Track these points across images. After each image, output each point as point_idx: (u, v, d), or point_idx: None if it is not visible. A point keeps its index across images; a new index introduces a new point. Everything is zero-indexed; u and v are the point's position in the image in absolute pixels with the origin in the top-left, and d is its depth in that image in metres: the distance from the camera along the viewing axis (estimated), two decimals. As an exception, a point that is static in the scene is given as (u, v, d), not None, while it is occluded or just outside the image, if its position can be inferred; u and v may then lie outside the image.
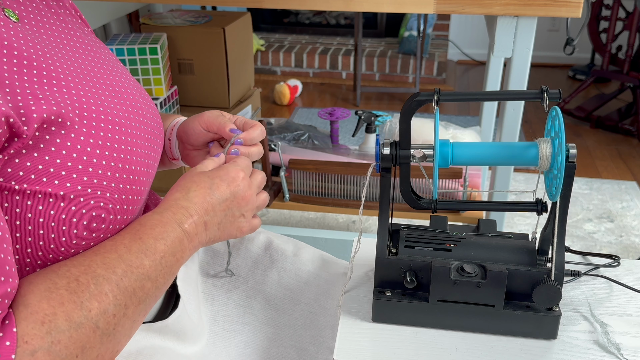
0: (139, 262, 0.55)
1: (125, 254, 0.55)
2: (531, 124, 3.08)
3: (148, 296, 0.56)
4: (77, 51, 0.65)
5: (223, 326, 0.80)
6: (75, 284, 0.50)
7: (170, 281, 0.60)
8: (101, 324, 0.50)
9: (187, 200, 0.62)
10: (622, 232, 2.13)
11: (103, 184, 0.56)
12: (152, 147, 0.66)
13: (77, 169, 0.54)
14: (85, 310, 0.49)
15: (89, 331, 0.49)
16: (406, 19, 3.69)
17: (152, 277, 0.56)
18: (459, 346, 0.66)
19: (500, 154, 0.67)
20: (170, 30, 1.69)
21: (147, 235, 0.57)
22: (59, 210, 0.52)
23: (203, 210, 0.63)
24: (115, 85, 0.65)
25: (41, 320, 0.47)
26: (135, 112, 0.65)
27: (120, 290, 0.53)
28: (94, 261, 0.53)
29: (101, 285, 0.51)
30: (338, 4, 1.22)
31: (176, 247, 0.59)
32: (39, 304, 0.48)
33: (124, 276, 0.53)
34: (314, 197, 1.55)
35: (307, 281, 0.84)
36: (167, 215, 0.60)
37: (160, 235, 0.58)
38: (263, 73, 3.81)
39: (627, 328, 0.69)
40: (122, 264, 0.54)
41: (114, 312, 0.52)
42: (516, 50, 1.18)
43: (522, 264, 0.68)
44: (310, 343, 0.78)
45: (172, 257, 0.59)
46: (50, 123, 0.53)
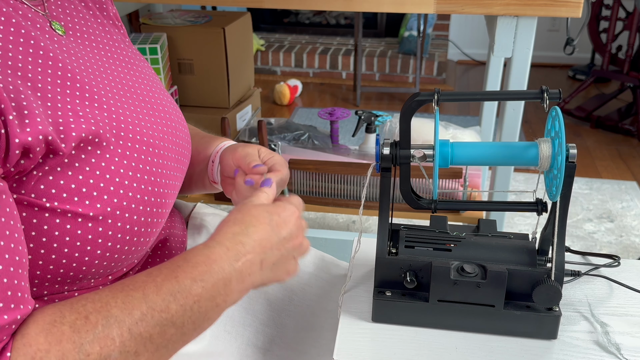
0: (164, 306, 0.50)
1: (151, 295, 0.50)
2: (531, 124, 3.08)
3: (170, 342, 0.52)
4: (120, 65, 0.65)
5: (224, 327, 0.80)
6: (83, 321, 0.48)
7: (206, 326, 0.55)
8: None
9: (245, 235, 0.57)
10: (622, 232, 2.13)
11: (132, 206, 0.56)
12: (180, 158, 0.67)
13: (109, 190, 0.54)
14: (83, 354, 0.46)
15: None
16: (406, 19, 3.69)
17: (178, 324, 0.51)
18: (459, 346, 0.66)
19: (500, 154, 0.67)
20: (170, 30, 1.69)
21: (185, 275, 0.52)
22: (86, 230, 0.52)
23: (261, 248, 0.58)
24: (154, 101, 0.66)
25: (32, 355, 0.45)
26: (168, 128, 0.65)
27: (132, 335, 0.49)
28: (115, 298, 0.50)
29: (110, 328, 0.48)
30: (338, 4, 1.22)
31: (218, 290, 0.54)
32: (36, 337, 0.46)
33: (140, 320, 0.49)
34: (314, 197, 1.55)
35: (308, 283, 0.84)
36: (219, 252, 0.55)
37: (200, 277, 0.53)
38: (263, 73, 3.81)
39: (627, 328, 0.69)
40: (143, 305, 0.50)
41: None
42: (516, 50, 1.17)
43: (522, 264, 0.68)
44: (311, 345, 0.78)
45: (210, 301, 0.53)
46: (88, 142, 0.53)
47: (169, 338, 0.51)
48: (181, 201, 0.92)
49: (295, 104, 3.38)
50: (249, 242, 0.57)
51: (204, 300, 0.53)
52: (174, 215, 0.80)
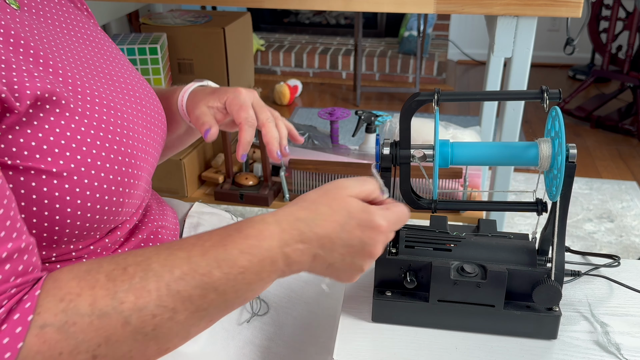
0: (206, 270, 0.50)
1: (195, 257, 0.50)
2: (531, 124, 3.08)
3: (211, 307, 0.51)
4: (78, 40, 0.65)
5: (222, 325, 0.80)
6: (120, 272, 0.48)
7: (249, 297, 0.54)
8: (134, 320, 0.47)
9: (308, 226, 0.54)
10: (622, 232, 2.13)
11: (97, 163, 0.55)
12: (151, 135, 0.66)
13: (71, 147, 0.53)
14: (117, 301, 0.46)
15: (115, 323, 0.46)
16: (406, 19, 3.69)
17: (220, 290, 0.51)
18: (459, 346, 0.66)
19: (500, 154, 0.67)
20: (170, 30, 1.69)
21: (234, 244, 0.52)
22: (52, 187, 0.52)
23: (319, 243, 0.54)
24: (114, 74, 0.65)
25: (61, 297, 0.46)
26: (134, 100, 0.65)
27: (170, 292, 0.48)
28: (158, 255, 0.50)
29: (147, 281, 0.48)
30: (338, 4, 1.22)
31: (264, 266, 0.53)
32: (68, 282, 0.47)
33: (181, 279, 0.49)
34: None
35: (307, 280, 0.84)
36: (273, 230, 0.53)
37: (249, 250, 0.52)
38: (263, 73, 3.81)
39: (627, 328, 0.69)
40: (185, 265, 0.49)
41: (155, 312, 0.48)
42: (516, 50, 1.17)
43: (522, 264, 0.68)
44: (309, 343, 0.78)
45: (256, 275, 0.52)
46: (44, 101, 0.52)
47: (210, 302, 0.50)
48: (179, 201, 0.92)
49: (295, 104, 3.38)
50: (308, 233, 0.54)
51: (249, 273, 0.52)
52: (166, 209, 0.79)
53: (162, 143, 0.70)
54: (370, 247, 0.56)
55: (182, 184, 1.56)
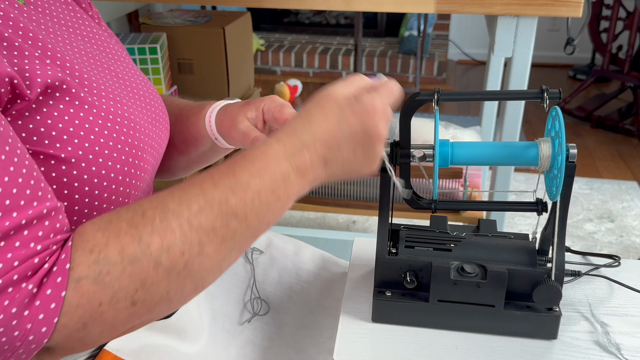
0: (223, 198, 0.50)
1: (208, 189, 0.50)
2: (531, 123, 3.08)
3: (237, 234, 0.51)
4: (83, 38, 0.66)
5: (223, 325, 0.80)
6: (140, 217, 0.48)
7: (272, 219, 0.54)
8: (164, 260, 0.47)
9: (306, 132, 0.55)
10: (623, 232, 2.13)
11: (105, 152, 0.56)
12: (155, 130, 0.66)
13: (79, 134, 0.54)
14: (144, 244, 0.47)
15: (147, 266, 0.47)
16: (406, 19, 3.69)
17: (240, 216, 0.51)
18: (459, 346, 0.66)
19: (500, 154, 0.67)
20: (170, 30, 1.69)
21: (243, 169, 0.52)
22: (60, 173, 0.52)
23: (324, 145, 0.55)
24: (120, 71, 0.66)
25: (90, 249, 0.46)
26: (138, 97, 0.66)
27: (192, 227, 0.49)
28: (172, 195, 0.50)
29: (168, 220, 0.48)
30: (338, 3, 1.22)
31: (278, 184, 0.53)
32: (94, 234, 0.47)
33: (199, 212, 0.49)
34: (314, 197, 1.55)
35: (307, 280, 0.84)
36: (276, 148, 0.54)
37: (257, 171, 0.52)
38: (263, 73, 3.81)
39: (627, 328, 0.69)
40: (201, 199, 0.50)
41: (183, 249, 0.48)
42: (516, 50, 1.17)
43: (523, 264, 0.68)
44: (309, 343, 0.78)
45: (271, 195, 0.53)
46: (54, 89, 0.53)
47: (234, 230, 0.51)
48: None
49: (295, 103, 3.37)
50: (309, 138, 0.54)
51: (264, 194, 0.52)
52: None
53: (165, 140, 0.70)
54: (373, 130, 0.56)
55: (182, 183, 1.56)
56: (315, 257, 0.87)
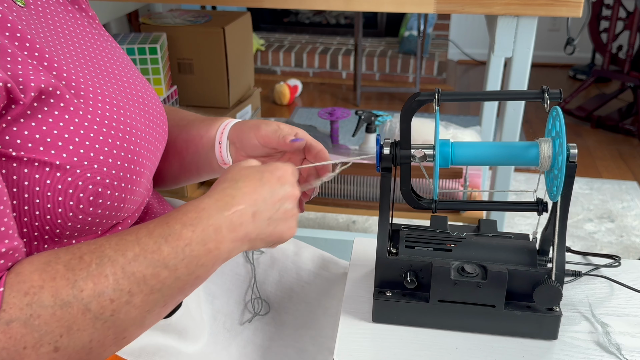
0: (155, 247, 0.52)
1: (143, 238, 0.52)
2: (532, 123, 3.08)
3: (165, 286, 0.52)
4: (80, 40, 0.65)
5: (224, 325, 0.80)
6: (77, 261, 0.49)
7: (201, 273, 0.55)
8: (93, 306, 0.48)
9: (235, 189, 0.58)
10: (623, 232, 2.13)
11: (100, 158, 0.56)
12: (152, 133, 0.66)
13: (74, 141, 0.54)
14: (77, 289, 0.48)
15: (77, 311, 0.48)
16: (406, 19, 3.69)
17: (171, 266, 0.52)
18: (460, 346, 0.66)
19: (500, 154, 0.67)
20: (170, 30, 1.69)
21: (176, 220, 0.54)
22: (55, 179, 0.52)
23: (252, 200, 0.58)
24: (117, 74, 0.66)
25: (25, 291, 0.47)
26: (136, 99, 0.65)
27: (125, 274, 0.50)
28: (109, 241, 0.52)
29: (103, 267, 0.49)
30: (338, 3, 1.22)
31: (209, 235, 0.54)
32: (31, 275, 0.48)
33: (133, 260, 0.50)
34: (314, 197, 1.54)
35: (307, 281, 0.84)
36: (208, 202, 0.56)
37: (190, 222, 0.54)
38: (263, 73, 3.81)
39: (627, 328, 0.69)
40: (136, 247, 0.51)
41: (112, 297, 0.49)
42: (517, 50, 1.17)
43: (523, 264, 0.68)
44: (310, 343, 0.78)
45: (202, 246, 0.54)
46: (49, 94, 0.53)
47: (163, 281, 0.52)
48: (179, 200, 0.92)
49: (295, 103, 3.38)
50: (238, 194, 0.58)
51: (195, 244, 0.54)
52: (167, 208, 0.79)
53: (163, 142, 0.70)
54: (290, 190, 0.62)
55: (182, 184, 1.56)
56: (316, 257, 0.87)
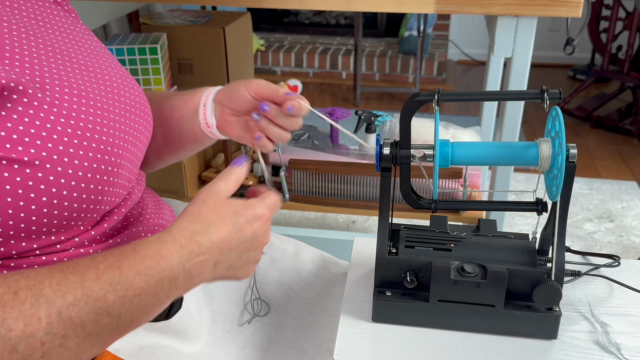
0: (101, 295, 0.49)
1: (89, 281, 0.49)
2: (531, 124, 3.08)
3: (104, 331, 0.50)
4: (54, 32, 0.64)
5: (223, 326, 0.80)
6: (11, 297, 0.46)
7: (145, 320, 0.54)
8: (21, 347, 0.46)
9: (204, 236, 0.56)
10: (623, 232, 2.13)
11: (70, 151, 0.54)
12: (132, 124, 0.65)
13: (41, 135, 0.53)
14: (5, 328, 0.45)
15: (2, 350, 0.45)
16: (406, 19, 3.69)
17: (114, 314, 0.50)
18: (459, 346, 0.66)
19: (500, 154, 0.67)
20: (170, 30, 1.69)
21: (130, 267, 0.51)
22: (25, 176, 0.51)
23: (218, 249, 0.57)
24: (90, 65, 0.64)
25: None
26: (110, 90, 0.64)
27: (61, 319, 0.47)
28: (50, 278, 0.49)
29: (38, 307, 0.47)
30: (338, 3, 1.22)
31: (162, 286, 0.53)
32: None
33: (73, 305, 0.48)
34: (314, 197, 1.55)
35: (307, 281, 0.84)
36: (171, 249, 0.54)
37: (145, 272, 0.52)
38: (263, 73, 3.81)
39: (627, 328, 0.69)
40: (79, 290, 0.48)
41: (44, 340, 0.46)
42: (516, 50, 1.17)
43: (523, 264, 0.68)
44: (309, 344, 0.78)
45: (153, 297, 0.52)
46: (11, 91, 0.52)
47: (103, 327, 0.50)
48: (179, 201, 0.92)
49: (295, 104, 3.37)
50: (206, 242, 0.56)
51: (146, 295, 0.52)
52: (163, 207, 0.78)
53: (146, 132, 0.69)
54: (261, 238, 0.61)
55: (182, 184, 1.56)
56: (315, 257, 0.87)
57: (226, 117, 0.75)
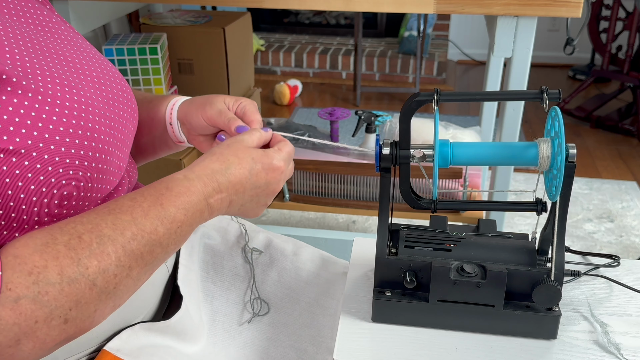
0: (152, 228, 0.55)
1: (140, 218, 0.55)
2: (531, 124, 3.08)
3: (156, 259, 0.57)
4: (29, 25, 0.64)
5: (223, 326, 0.80)
6: (77, 241, 0.51)
7: (181, 245, 0.61)
8: (99, 282, 0.51)
9: (223, 175, 0.62)
10: (622, 232, 2.13)
11: (55, 138, 0.54)
12: (116, 112, 0.65)
13: (26, 124, 0.53)
14: (82, 267, 0.50)
15: (84, 287, 0.50)
16: (406, 19, 3.69)
17: (164, 244, 0.57)
18: (459, 346, 0.66)
19: (500, 154, 0.67)
20: (170, 30, 1.69)
21: (170, 202, 0.57)
22: (11, 165, 0.51)
23: (234, 189, 0.63)
24: (69, 56, 0.64)
25: (29, 270, 0.48)
26: (90, 79, 0.64)
27: (126, 252, 0.53)
28: (104, 220, 0.54)
29: (104, 245, 0.52)
30: (338, 4, 1.22)
31: (195, 218, 0.60)
32: (31, 256, 0.49)
33: (132, 239, 0.54)
34: (314, 197, 1.55)
35: (307, 281, 0.84)
36: (198, 186, 0.60)
37: (183, 206, 0.58)
38: (263, 73, 3.81)
39: (627, 328, 0.69)
40: (133, 227, 0.54)
41: (115, 272, 0.52)
42: (516, 50, 1.17)
43: (522, 264, 0.68)
44: (309, 343, 0.78)
45: (189, 227, 0.60)
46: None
47: (156, 256, 0.57)
48: None
49: (295, 104, 3.38)
50: (224, 182, 0.62)
51: (185, 226, 0.59)
52: None
53: (132, 120, 0.69)
54: (273, 186, 0.67)
55: (182, 184, 1.56)
56: (315, 257, 0.87)
57: (193, 137, 0.79)
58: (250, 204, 0.67)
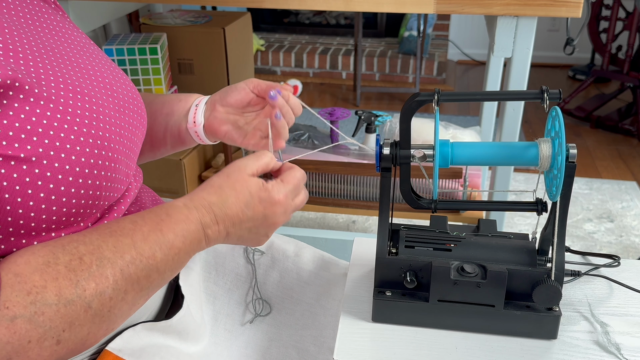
0: (150, 254, 0.56)
1: (139, 242, 0.56)
2: (531, 124, 3.08)
3: (152, 285, 0.57)
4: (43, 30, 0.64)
5: (224, 326, 0.80)
6: (78, 262, 0.52)
7: (176, 273, 0.62)
8: (95, 304, 0.52)
9: (220, 208, 0.63)
10: (622, 232, 2.13)
11: (67, 146, 0.55)
12: (126, 119, 0.65)
13: (37, 132, 0.53)
14: (80, 289, 0.51)
15: (79, 309, 0.51)
16: (406, 19, 3.69)
17: (161, 270, 0.57)
18: (459, 346, 0.66)
19: (500, 154, 0.67)
20: (170, 30, 1.69)
21: (169, 229, 0.58)
22: (21, 173, 0.52)
23: (231, 222, 0.64)
24: (81, 62, 0.64)
25: (28, 290, 0.48)
26: (102, 86, 0.64)
27: (124, 276, 0.54)
28: (106, 242, 0.54)
29: (104, 268, 0.52)
30: (338, 4, 1.22)
31: (194, 247, 0.61)
32: (31, 276, 0.49)
33: (131, 263, 0.54)
34: (314, 197, 1.55)
35: (308, 281, 0.84)
36: (195, 216, 0.61)
37: (181, 233, 0.59)
38: (263, 73, 3.81)
39: (627, 328, 0.69)
40: (133, 250, 0.55)
41: (112, 296, 0.53)
42: (516, 50, 1.18)
43: (522, 264, 0.68)
44: (311, 343, 0.78)
45: (186, 255, 0.60)
46: (7, 87, 0.52)
47: (152, 282, 0.57)
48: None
49: (295, 104, 3.37)
50: (221, 214, 0.63)
51: (183, 253, 0.60)
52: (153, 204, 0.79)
53: (141, 128, 0.69)
54: (272, 219, 0.67)
55: (182, 184, 1.56)
56: (316, 258, 0.87)
57: (217, 115, 0.80)
58: (248, 235, 0.67)
